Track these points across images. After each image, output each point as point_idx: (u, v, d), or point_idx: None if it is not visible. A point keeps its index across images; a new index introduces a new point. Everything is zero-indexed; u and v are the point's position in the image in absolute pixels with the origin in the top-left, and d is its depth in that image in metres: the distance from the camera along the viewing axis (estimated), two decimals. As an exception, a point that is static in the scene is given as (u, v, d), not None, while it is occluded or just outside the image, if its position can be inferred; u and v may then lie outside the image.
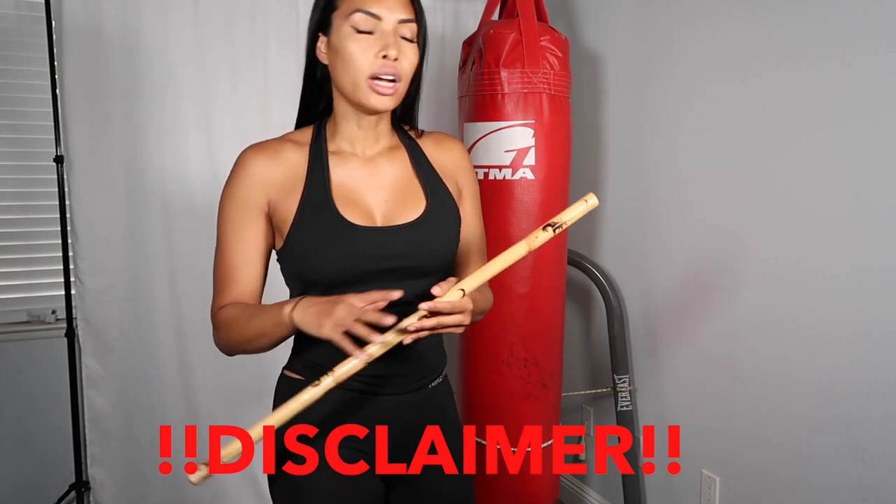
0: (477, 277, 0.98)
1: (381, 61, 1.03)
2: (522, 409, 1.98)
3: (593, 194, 1.02)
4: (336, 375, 0.95)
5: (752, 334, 1.76)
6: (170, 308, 2.22)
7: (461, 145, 1.25)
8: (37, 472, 2.29)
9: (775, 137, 1.68)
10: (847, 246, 1.53)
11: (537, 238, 1.00)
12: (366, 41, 1.03)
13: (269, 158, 1.09)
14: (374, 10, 1.02)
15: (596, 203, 1.02)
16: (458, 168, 1.21)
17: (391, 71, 1.03)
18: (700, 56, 1.89)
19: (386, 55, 1.02)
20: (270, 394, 2.55)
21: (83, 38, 2.03)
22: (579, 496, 2.50)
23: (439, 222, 1.13)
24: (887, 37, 1.42)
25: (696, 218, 1.93)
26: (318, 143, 1.12)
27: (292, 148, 1.11)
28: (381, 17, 1.03)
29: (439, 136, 1.23)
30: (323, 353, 1.05)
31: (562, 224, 1.00)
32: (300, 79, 1.18)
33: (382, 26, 1.03)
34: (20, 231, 2.28)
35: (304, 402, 0.95)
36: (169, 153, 2.17)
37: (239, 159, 1.10)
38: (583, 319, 2.45)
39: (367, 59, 1.03)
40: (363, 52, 1.03)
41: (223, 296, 1.09)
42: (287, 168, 1.09)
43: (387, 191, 1.12)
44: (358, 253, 1.05)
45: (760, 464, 1.76)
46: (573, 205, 1.02)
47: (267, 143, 1.12)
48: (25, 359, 2.26)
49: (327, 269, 1.05)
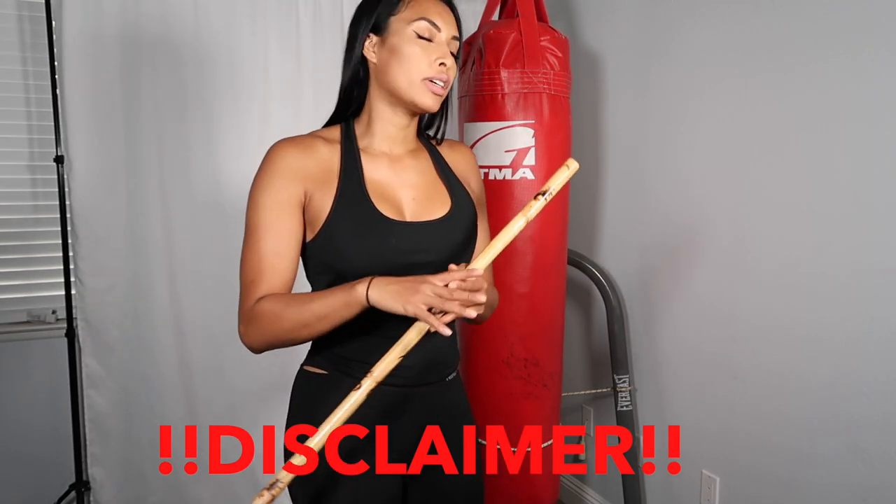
0: (486, 256, 1.03)
1: (438, 67, 1.12)
2: (522, 409, 1.98)
3: (573, 159, 1.10)
4: (374, 376, 0.98)
5: (752, 334, 1.76)
6: (170, 308, 2.21)
7: (471, 151, 1.34)
8: (37, 472, 2.29)
9: (775, 137, 1.68)
10: (847, 246, 1.53)
11: (531, 208, 1.05)
12: (426, 47, 1.12)
13: (302, 151, 1.12)
14: (437, 22, 1.12)
15: (577, 167, 1.09)
16: (470, 172, 1.29)
17: (444, 77, 1.13)
18: (700, 56, 1.89)
19: (443, 62, 1.12)
20: (270, 394, 2.57)
21: (83, 39, 2.03)
22: (579, 496, 2.50)
23: (463, 220, 1.19)
24: (887, 37, 1.42)
25: (696, 217, 1.93)
26: (348, 140, 1.16)
27: (323, 144, 1.15)
28: (440, 29, 1.13)
29: (451, 141, 1.31)
30: (354, 348, 1.11)
31: (550, 191, 1.06)
32: (300, 78, 1.19)
33: (440, 37, 1.13)
34: (20, 231, 2.28)
35: (351, 406, 0.98)
36: (169, 153, 2.17)
37: (271, 151, 1.12)
38: (583, 319, 2.45)
39: (426, 61, 1.11)
40: (424, 55, 1.11)
41: (257, 287, 1.08)
42: (321, 162, 1.13)
43: (414, 188, 1.18)
44: (392, 246, 1.10)
45: (760, 464, 1.76)
46: (557, 171, 1.08)
47: (298, 137, 1.15)
48: (25, 359, 2.26)
49: (361, 261, 1.08)
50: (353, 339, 1.12)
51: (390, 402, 1.15)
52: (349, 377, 1.11)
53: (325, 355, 1.17)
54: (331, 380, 1.14)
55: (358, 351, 1.12)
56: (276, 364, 2.33)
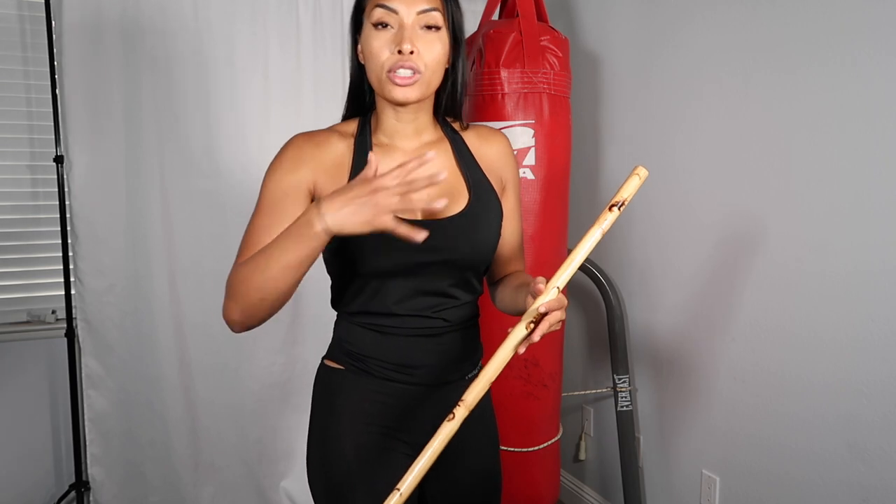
0: (566, 272, 1.00)
1: (395, 56, 1.04)
2: (522, 409, 1.98)
3: (641, 167, 1.03)
4: (467, 402, 0.95)
5: (752, 334, 1.76)
6: (170, 308, 2.21)
7: (506, 139, 1.24)
8: (37, 472, 2.29)
9: (775, 137, 1.68)
10: (847, 246, 1.53)
11: (606, 219, 1.01)
12: (384, 36, 1.04)
13: (316, 145, 1.10)
14: (389, 4, 1.04)
15: (646, 174, 1.02)
16: (503, 162, 1.21)
17: (407, 65, 1.03)
18: (700, 56, 1.89)
19: (401, 50, 1.03)
20: (270, 394, 2.56)
21: (83, 38, 2.03)
22: (579, 496, 2.50)
23: (482, 216, 1.13)
24: (887, 37, 1.42)
25: (696, 217, 1.93)
26: (363, 135, 1.13)
27: (338, 138, 1.12)
28: (397, 11, 1.04)
29: (484, 129, 1.23)
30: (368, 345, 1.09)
31: (624, 201, 1.01)
32: (300, 78, 1.19)
33: (401, 19, 1.04)
34: (20, 231, 2.28)
35: (443, 439, 0.93)
36: (169, 153, 2.17)
37: (287, 143, 1.11)
38: (583, 319, 2.45)
39: (384, 53, 1.04)
40: (381, 48, 1.04)
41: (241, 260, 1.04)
42: (334, 156, 1.10)
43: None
44: (403, 246, 1.02)
45: (760, 464, 1.76)
46: (628, 180, 1.02)
47: (314, 132, 1.14)
48: (25, 359, 2.25)
49: (371, 261, 1.06)
50: (368, 336, 1.12)
51: (408, 401, 1.14)
52: (364, 373, 1.12)
53: (342, 350, 1.16)
54: (346, 375, 1.14)
55: (373, 348, 1.11)
56: (276, 364, 2.33)
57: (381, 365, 1.11)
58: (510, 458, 1.99)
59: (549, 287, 0.98)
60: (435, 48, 1.06)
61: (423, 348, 1.12)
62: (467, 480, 1.22)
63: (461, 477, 1.21)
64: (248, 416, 2.33)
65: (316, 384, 1.21)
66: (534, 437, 2.01)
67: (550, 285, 0.98)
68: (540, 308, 0.95)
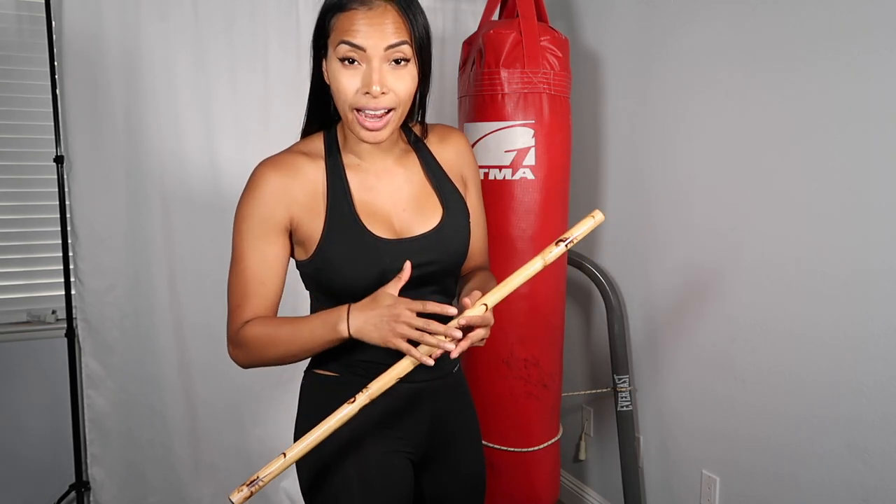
0: (498, 292, 1.02)
1: (364, 98, 1.01)
2: (522, 409, 1.98)
3: (598, 210, 1.08)
4: (370, 392, 1.00)
5: (752, 334, 1.76)
6: (170, 308, 2.21)
7: (463, 137, 1.26)
8: (37, 472, 2.29)
9: (775, 137, 1.68)
10: (847, 246, 1.53)
11: (551, 252, 1.05)
12: (351, 73, 1.01)
13: (286, 175, 1.08)
14: (357, 42, 0.99)
15: (602, 218, 1.08)
16: (463, 160, 1.24)
17: (376, 105, 1.01)
18: (700, 56, 1.89)
19: (368, 91, 1.00)
20: (270, 394, 2.56)
21: (83, 39, 2.03)
22: (579, 496, 2.50)
23: (456, 227, 1.16)
24: (887, 37, 1.42)
25: (696, 217, 1.93)
26: (332, 156, 1.12)
27: (307, 162, 1.10)
28: (365, 48, 0.99)
29: (441, 130, 1.24)
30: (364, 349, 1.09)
31: (572, 239, 1.06)
32: (300, 78, 1.18)
33: (369, 56, 1.00)
34: (20, 231, 2.28)
35: (341, 419, 1.00)
36: (169, 153, 2.17)
37: (255, 176, 1.09)
38: (583, 319, 2.45)
39: (350, 92, 1.01)
40: (348, 85, 1.01)
41: (243, 311, 1.08)
42: (306, 184, 1.09)
43: (403, 200, 1.14)
44: (387, 265, 1.07)
45: (760, 464, 1.76)
46: (582, 220, 1.07)
47: (280, 157, 1.11)
48: (25, 359, 2.26)
49: (356, 282, 1.08)
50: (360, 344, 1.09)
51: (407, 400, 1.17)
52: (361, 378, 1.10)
53: (333, 359, 1.16)
54: (342, 382, 1.14)
55: (368, 354, 1.10)
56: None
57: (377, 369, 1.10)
58: (510, 458, 1.99)
59: (477, 302, 1.01)
60: (405, 82, 1.03)
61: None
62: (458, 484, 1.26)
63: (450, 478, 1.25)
64: (248, 417, 2.33)
65: (307, 393, 1.20)
66: (534, 437, 2.01)
67: (479, 301, 1.01)
68: (461, 321, 0.99)
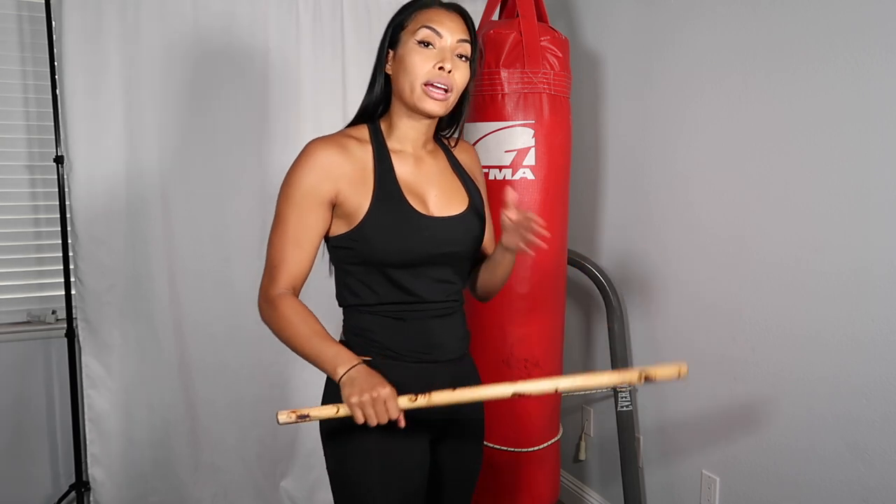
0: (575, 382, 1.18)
1: (436, 71, 1.19)
2: (522, 409, 1.98)
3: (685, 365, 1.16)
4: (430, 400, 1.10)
5: (752, 334, 1.76)
6: (170, 308, 2.21)
7: (475, 150, 1.47)
8: (37, 472, 2.29)
9: (775, 137, 1.68)
10: (847, 246, 1.53)
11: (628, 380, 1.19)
12: (427, 53, 1.20)
13: (339, 152, 1.21)
14: (437, 28, 1.20)
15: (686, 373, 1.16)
16: (475, 169, 1.42)
17: (445, 81, 1.19)
18: (700, 56, 1.89)
19: (442, 66, 1.19)
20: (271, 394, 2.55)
21: (83, 38, 2.03)
22: (579, 496, 2.50)
23: (478, 215, 1.32)
24: (887, 37, 1.42)
25: (696, 217, 1.93)
26: (378, 141, 1.26)
27: (356, 144, 1.24)
28: (442, 35, 1.20)
29: (460, 142, 1.42)
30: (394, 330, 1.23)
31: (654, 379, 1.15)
32: (300, 79, 1.20)
33: (442, 43, 1.20)
34: (20, 231, 2.28)
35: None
36: (169, 153, 2.17)
37: (308, 149, 1.20)
38: (583, 319, 2.45)
39: (425, 67, 1.19)
40: (423, 62, 1.19)
41: (279, 272, 1.19)
42: (356, 162, 1.21)
43: (436, 186, 1.29)
44: (426, 239, 1.21)
45: (760, 464, 1.77)
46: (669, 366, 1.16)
47: (333, 137, 1.24)
48: (25, 359, 2.26)
49: (398, 253, 1.19)
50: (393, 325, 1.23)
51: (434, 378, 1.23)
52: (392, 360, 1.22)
53: (365, 341, 1.24)
54: (374, 365, 1.18)
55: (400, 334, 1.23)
56: (276, 364, 2.33)
57: (409, 349, 1.23)
58: (510, 458, 1.99)
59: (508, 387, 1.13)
60: (464, 74, 1.23)
61: (440, 329, 1.26)
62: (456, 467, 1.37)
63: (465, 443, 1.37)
64: (248, 416, 2.33)
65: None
66: (534, 437, 2.01)
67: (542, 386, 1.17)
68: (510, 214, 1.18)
